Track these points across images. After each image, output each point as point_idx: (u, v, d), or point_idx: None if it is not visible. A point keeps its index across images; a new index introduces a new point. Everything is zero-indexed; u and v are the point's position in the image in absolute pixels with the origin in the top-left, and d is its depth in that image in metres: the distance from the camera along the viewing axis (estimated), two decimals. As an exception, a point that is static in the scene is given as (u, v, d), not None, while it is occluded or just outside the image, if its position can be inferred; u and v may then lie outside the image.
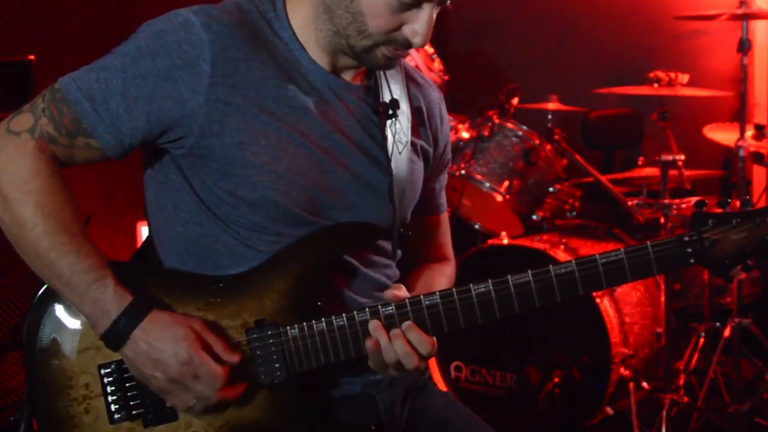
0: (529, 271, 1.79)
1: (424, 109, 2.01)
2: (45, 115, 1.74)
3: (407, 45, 1.79)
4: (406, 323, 1.78)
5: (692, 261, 1.78)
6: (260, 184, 1.78)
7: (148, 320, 1.74)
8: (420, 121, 2.00)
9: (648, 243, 1.78)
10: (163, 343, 1.72)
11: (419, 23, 1.76)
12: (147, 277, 1.83)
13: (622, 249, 1.78)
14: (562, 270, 1.79)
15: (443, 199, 2.13)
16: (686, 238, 1.78)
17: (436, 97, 2.06)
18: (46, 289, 1.81)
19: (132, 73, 1.74)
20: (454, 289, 1.80)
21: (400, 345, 1.77)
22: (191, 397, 1.75)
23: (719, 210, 1.79)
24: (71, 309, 1.80)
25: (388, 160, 1.88)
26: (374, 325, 1.78)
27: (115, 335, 1.73)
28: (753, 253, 1.77)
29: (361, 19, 1.76)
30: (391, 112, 1.90)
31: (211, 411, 1.78)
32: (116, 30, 4.32)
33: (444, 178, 2.11)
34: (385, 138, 1.88)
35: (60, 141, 1.75)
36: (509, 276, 1.79)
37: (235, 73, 1.76)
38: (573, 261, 1.79)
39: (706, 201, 1.80)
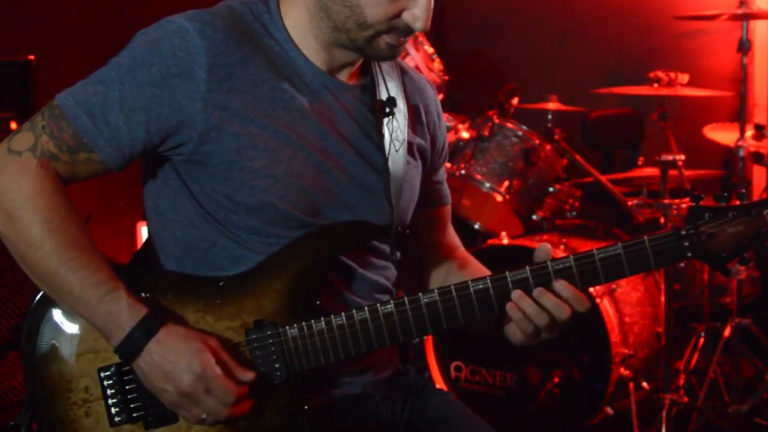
0: (527, 267, 1.80)
1: (421, 106, 2.01)
2: (45, 132, 1.74)
3: (408, 31, 1.79)
4: (558, 283, 1.77)
5: (689, 254, 1.78)
6: (259, 189, 1.78)
7: (163, 332, 1.73)
8: (417, 119, 2.00)
9: (645, 237, 1.78)
10: (176, 356, 1.72)
11: (418, 7, 1.76)
12: (145, 279, 1.82)
13: (620, 243, 1.78)
14: (560, 265, 1.79)
15: (447, 191, 2.13)
16: (683, 232, 1.78)
17: (432, 95, 2.07)
18: (44, 293, 1.80)
19: (129, 84, 1.73)
20: (452, 286, 1.80)
21: (548, 299, 1.76)
22: (201, 411, 1.74)
23: (716, 204, 1.79)
24: (69, 313, 1.80)
25: (385, 159, 1.88)
26: (517, 295, 1.77)
27: (130, 347, 1.73)
28: (750, 246, 1.77)
29: (359, 10, 1.76)
30: (388, 109, 1.90)
31: (221, 424, 1.78)
32: (116, 30, 4.35)
33: (443, 172, 2.12)
34: (382, 136, 1.89)
35: (61, 158, 1.74)
36: (507, 272, 1.80)
37: (232, 78, 1.76)
38: (570, 256, 1.79)
39: (703, 195, 1.80)
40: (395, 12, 1.76)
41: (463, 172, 4.22)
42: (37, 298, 1.82)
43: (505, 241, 4.04)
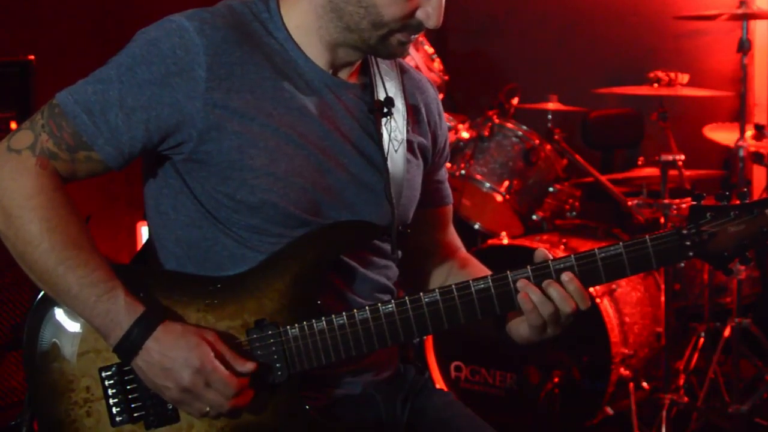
0: (529, 267, 1.80)
1: (421, 106, 2.01)
2: (45, 131, 1.74)
3: (420, 28, 1.81)
4: (565, 275, 1.77)
5: (691, 254, 1.78)
6: (259, 187, 1.78)
7: (160, 330, 1.73)
8: (417, 119, 2.00)
9: (647, 237, 1.78)
10: (175, 353, 1.72)
11: (432, 5, 1.78)
12: (146, 279, 1.82)
13: (621, 243, 1.78)
14: (561, 265, 1.79)
15: (449, 190, 2.14)
16: (685, 232, 1.78)
17: (433, 93, 2.07)
18: (45, 292, 1.80)
19: (128, 83, 1.73)
20: (453, 286, 1.80)
21: (555, 290, 1.76)
22: (204, 405, 1.74)
23: (717, 203, 1.79)
24: (70, 312, 1.80)
25: (384, 159, 1.88)
26: (523, 283, 1.78)
27: (128, 346, 1.73)
28: (751, 245, 1.77)
29: (375, 10, 1.77)
30: (385, 110, 1.90)
31: (225, 417, 1.78)
32: (116, 30, 4.34)
33: (444, 171, 2.12)
34: (380, 136, 1.89)
35: (61, 156, 1.75)
36: (509, 272, 1.80)
37: (231, 77, 1.76)
38: (572, 256, 1.80)
39: (704, 194, 1.80)
40: (411, 10, 1.78)
41: (463, 172, 4.22)
42: (38, 297, 1.81)
43: (505, 241, 4.04)
